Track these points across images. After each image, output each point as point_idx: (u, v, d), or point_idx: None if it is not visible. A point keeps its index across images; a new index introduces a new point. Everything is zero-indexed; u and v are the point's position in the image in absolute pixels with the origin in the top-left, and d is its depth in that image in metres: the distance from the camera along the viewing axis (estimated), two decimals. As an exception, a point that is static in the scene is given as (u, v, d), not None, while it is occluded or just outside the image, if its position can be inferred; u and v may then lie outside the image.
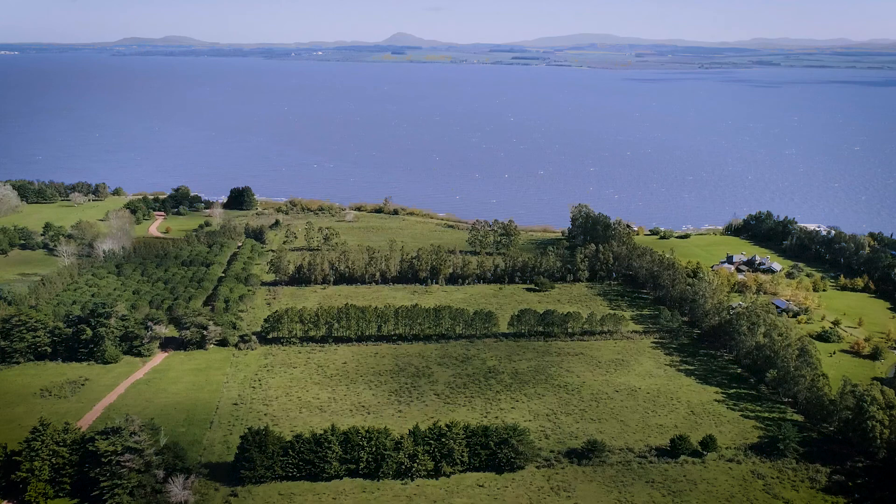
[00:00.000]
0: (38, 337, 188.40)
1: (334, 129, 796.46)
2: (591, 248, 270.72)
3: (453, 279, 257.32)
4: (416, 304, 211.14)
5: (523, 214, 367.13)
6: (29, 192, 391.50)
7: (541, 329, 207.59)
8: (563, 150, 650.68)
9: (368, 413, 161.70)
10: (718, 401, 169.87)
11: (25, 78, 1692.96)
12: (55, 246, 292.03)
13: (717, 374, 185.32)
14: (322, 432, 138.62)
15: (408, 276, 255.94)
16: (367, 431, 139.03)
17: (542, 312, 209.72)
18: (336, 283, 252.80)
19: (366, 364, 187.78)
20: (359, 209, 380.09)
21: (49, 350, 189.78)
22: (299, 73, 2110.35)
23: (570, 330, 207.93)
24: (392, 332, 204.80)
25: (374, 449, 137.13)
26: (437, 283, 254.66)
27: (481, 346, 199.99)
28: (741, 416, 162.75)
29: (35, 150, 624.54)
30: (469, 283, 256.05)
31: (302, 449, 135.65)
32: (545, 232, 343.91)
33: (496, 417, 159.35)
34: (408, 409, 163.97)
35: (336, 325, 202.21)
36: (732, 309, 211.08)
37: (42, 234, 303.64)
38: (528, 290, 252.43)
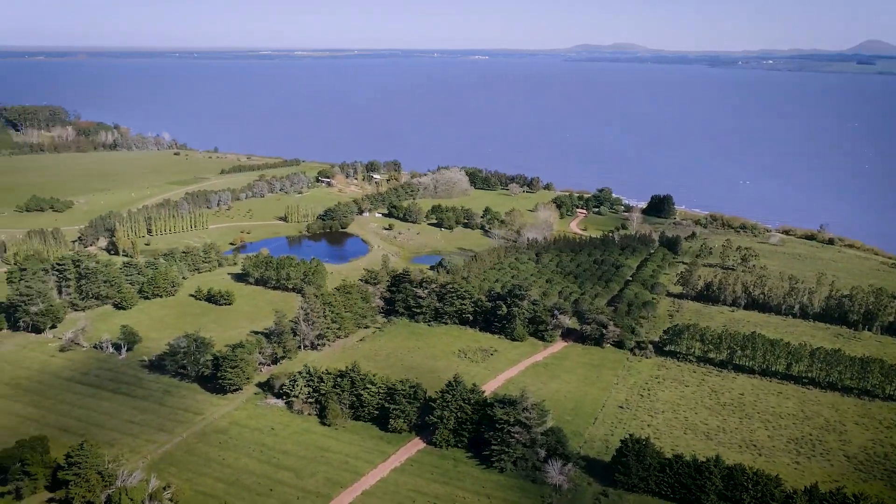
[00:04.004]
0: (465, 305, 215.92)
1: (774, 147, 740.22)
2: None
3: (893, 329, 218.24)
4: (839, 350, 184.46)
5: None
6: (477, 179, 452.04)
7: None
8: None
9: (759, 454, 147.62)
10: None
11: (488, 81, 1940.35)
12: (490, 228, 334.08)
13: None
14: (705, 460, 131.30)
15: (833, 315, 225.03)
16: (754, 473, 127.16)
17: None
18: (746, 307, 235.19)
19: (766, 401, 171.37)
20: (786, 233, 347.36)
21: (470, 318, 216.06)
22: (744, 84, 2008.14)
23: None
24: (803, 374, 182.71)
25: (759, 494, 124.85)
26: (870, 329, 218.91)
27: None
28: None
29: (485, 143, 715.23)
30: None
31: (680, 471, 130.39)
32: None
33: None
34: (807, 464, 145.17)
35: (739, 353, 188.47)
36: None
37: (481, 217, 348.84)
38: None
